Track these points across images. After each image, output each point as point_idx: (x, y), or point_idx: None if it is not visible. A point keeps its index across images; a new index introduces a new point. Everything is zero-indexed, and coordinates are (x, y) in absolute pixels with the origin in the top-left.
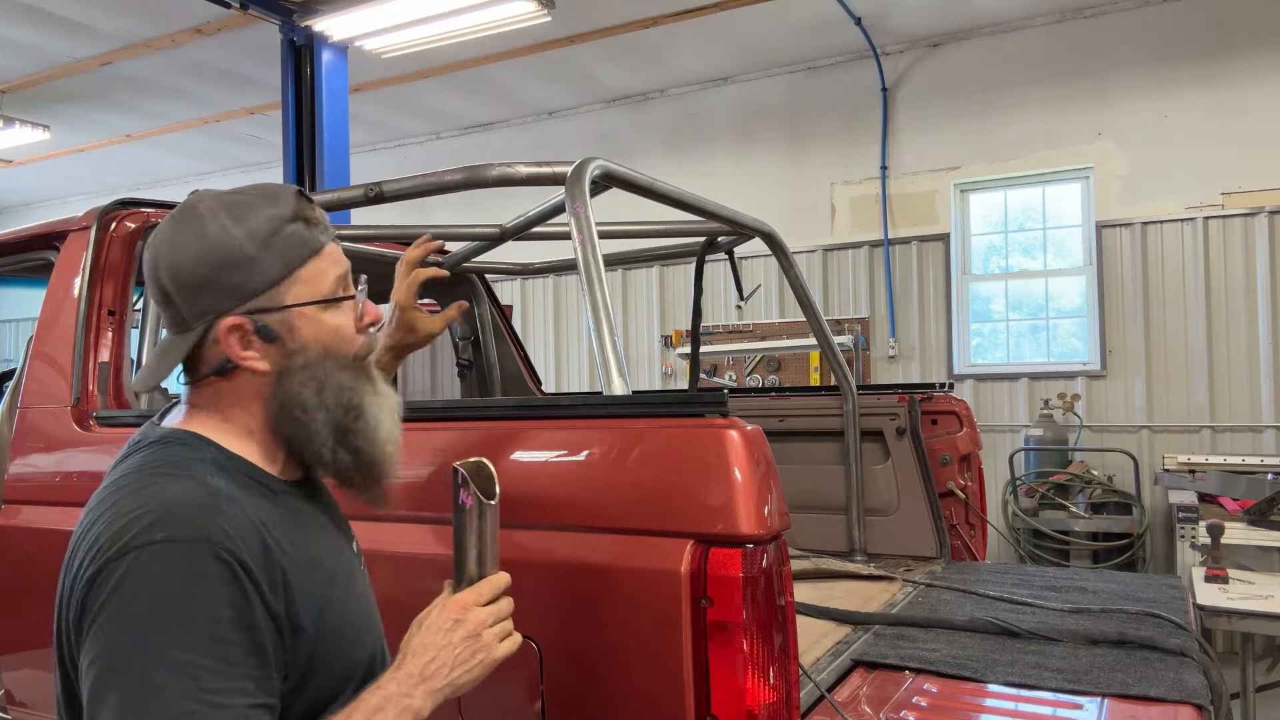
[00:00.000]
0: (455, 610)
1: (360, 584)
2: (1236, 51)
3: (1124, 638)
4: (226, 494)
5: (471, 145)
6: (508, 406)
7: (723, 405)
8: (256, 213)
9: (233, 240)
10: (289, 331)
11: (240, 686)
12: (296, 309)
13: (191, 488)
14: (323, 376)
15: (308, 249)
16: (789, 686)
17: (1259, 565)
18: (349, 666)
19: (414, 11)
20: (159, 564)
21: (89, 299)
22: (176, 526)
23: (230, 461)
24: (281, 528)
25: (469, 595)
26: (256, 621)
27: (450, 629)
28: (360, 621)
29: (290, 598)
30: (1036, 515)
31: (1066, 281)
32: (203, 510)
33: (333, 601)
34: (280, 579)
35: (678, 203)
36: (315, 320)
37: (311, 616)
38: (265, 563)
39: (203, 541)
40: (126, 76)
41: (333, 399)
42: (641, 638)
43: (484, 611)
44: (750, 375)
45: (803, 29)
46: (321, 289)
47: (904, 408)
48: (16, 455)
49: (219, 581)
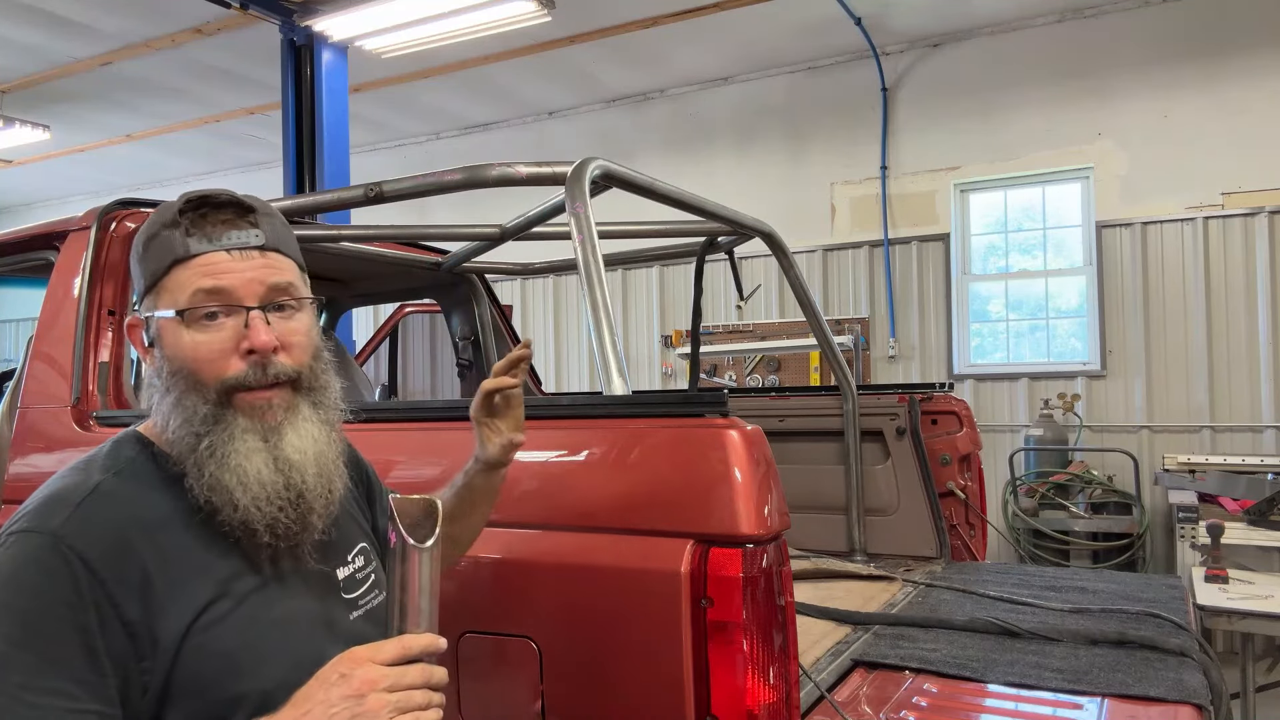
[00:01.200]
0: (346, 662)
1: (290, 607)
2: (1236, 51)
3: (1124, 638)
4: (103, 490)
5: (471, 145)
6: None
7: (723, 405)
8: (153, 218)
9: (135, 245)
10: (158, 340)
11: (58, 687)
12: (156, 318)
13: (74, 483)
14: (177, 395)
15: (170, 256)
16: (789, 686)
17: (1259, 565)
18: (229, 696)
19: (414, 11)
20: (9, 553)
21: (89, 299)
22: (35, 519)
23: (150, 462)
24: (174, 529)
25: (366, 650)
26: (90, 623)
27: (334, 682)
28: (263, 649)
29: (153, 606)
30: (1036, 515)
31: (1066, 281)
32: (63, 504)
33: (219, 618)
34: (140, 583)
35: (678, 203)
36: (173, 333)
37: (177, 628)
38: (122, 564)
39: (48, 534)
40: (126, 76)
41: (182, 424)
42: (641, 638)
43: (377, 671)
44: (750, 375)
45: (803, 29)
46: (178, 300)
47: (904, 408)
48: (16, 455)
49: (53, 576)
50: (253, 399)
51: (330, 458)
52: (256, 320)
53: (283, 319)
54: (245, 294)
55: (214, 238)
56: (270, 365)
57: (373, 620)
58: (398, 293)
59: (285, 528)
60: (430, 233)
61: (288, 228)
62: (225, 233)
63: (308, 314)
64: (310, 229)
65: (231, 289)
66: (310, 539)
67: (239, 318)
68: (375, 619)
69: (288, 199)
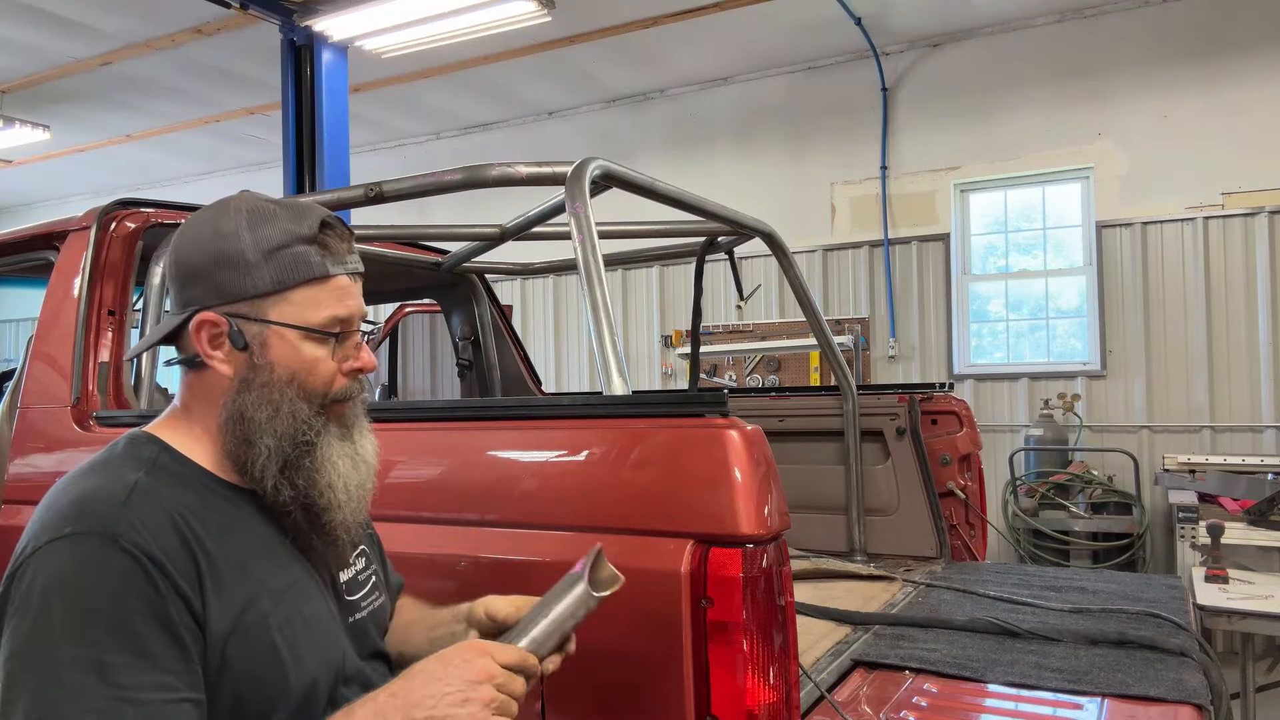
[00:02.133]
0: (476, 651)
1: (314, 607)
2: (1236, 51)
3: (1124, 638)
4: (142, 488)
5: (471, 145)
6: (508, 406)
7: (723, 405)
8: (274, 223)
9: (240, 243)
10: (260, 346)
11: (159, 681)
12: (276, 326)
13: (105, 483)
14: (280, 402)
15: (309, 272)
16: (789, 686)
17: (1259, 565)
18: (273, 689)
19: (414, 11)
20: (62, 560)
21: (89, 299)
22: (81, 521)
23: (172, 461)
24: (210, 528)
25: (494, 646)
26: (171, 615)
27: (457, 665)
28: (298, 645)
29: (206, 599)
30: (1036, 515)
31: (1066, 281)
32: (109, 504)
33: (258, 613)
34: (195, 576)
35: (678, 203)
36: (292, 345)
37: (226, 622)
38: (180, 558)
39: (107, 535)
40: (126, 76)
41: (285, 428)
42: (641, 638)
43: (496, 668)
44: (750, 375)
45: (803, 29)
46: (310, 318)
47: (904, 408)
48: (16, 455)
49: (125, 575)
50: (343, 410)
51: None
52: (365, 346)
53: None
54: (358, 319)
55: (341, 261)
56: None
57: (374, 622)
58: (398, 293)
59: (352, 521)
60: (430, 233)
61: None
62: (346, 256)
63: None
64: None
65: (351, 316)
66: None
67: (352, 340)
68: (375, 622)
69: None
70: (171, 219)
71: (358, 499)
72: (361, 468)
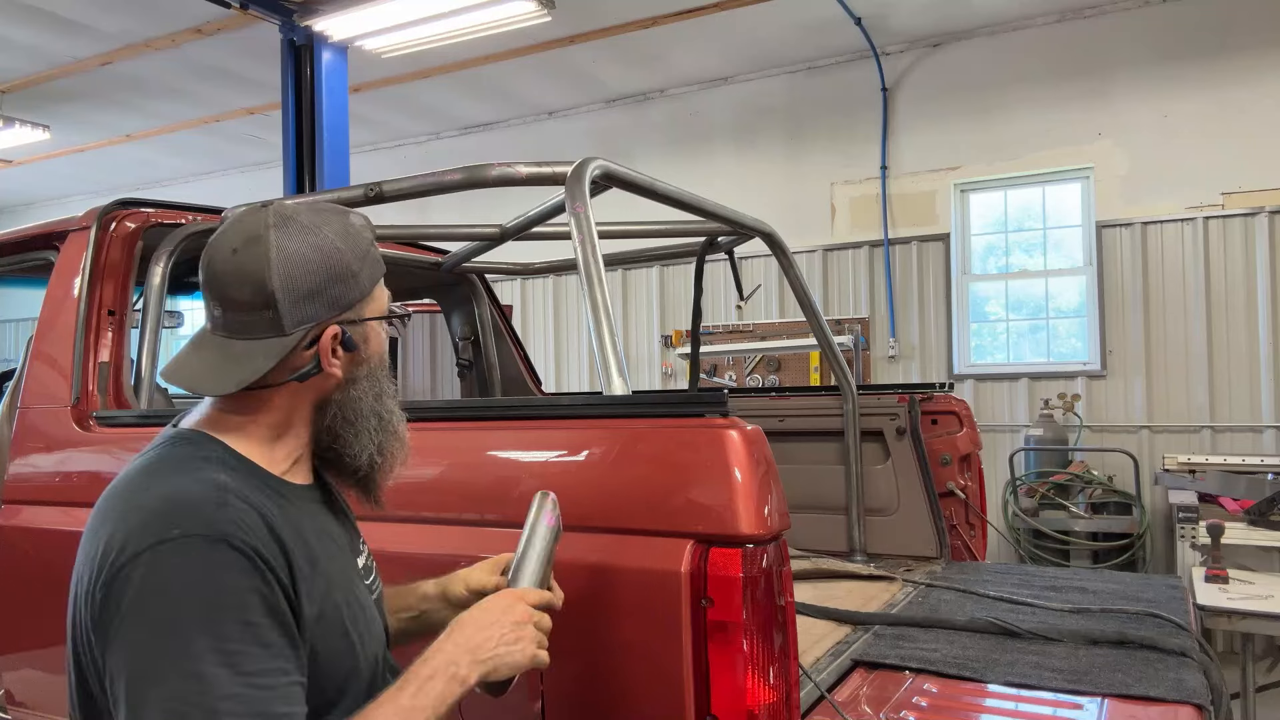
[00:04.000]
0: (512, 598)
1: (361, 592)
2: (1236, 51)
3: (1124, 638)
4: (232, 488)
5: (471, 145)
6: (508, 406)
7: (723, 405)
8: (356, 232)
9: (342, 255)
10: (364, 342)
11: (279, 666)
12: (371, 322)
13: (197, 483)
14: (379, 384)
15: (381, 268)
16: (789, 686)
17: (1259, 565)
18: (346, 670)
19: (414, 11)
20: (177, 560)
21: (89, 299)
22: (188, 523)
23: (234, 459)
24: (286, 524)
25: (522, 592)
26: (280, 605)
27: (505, 609)
28: (360, 627)
29: (298, 589)
30: (1036, 515)
31: (1066, 281)
32: (211, 504)
33: (332, 602)
34: (289, 568)
35: (678, 203)
36: (378, 333)
37: (312, 611)
38: (275, 552)
39: (216, 534)
40: (126, 76)
41: (383, 405)
42: (641, 638)
43: (530, 611)
44: (750, 375)
45: (803, 29)
46: (383, 305)
47: (904, 408)
48: (16, 455)
49: (239, 570)
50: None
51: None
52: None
53: None
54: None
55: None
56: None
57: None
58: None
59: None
60: (430, 233)
61: None
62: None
63: None
64: None
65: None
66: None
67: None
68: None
69: (288, 199)
70: (171, 219)
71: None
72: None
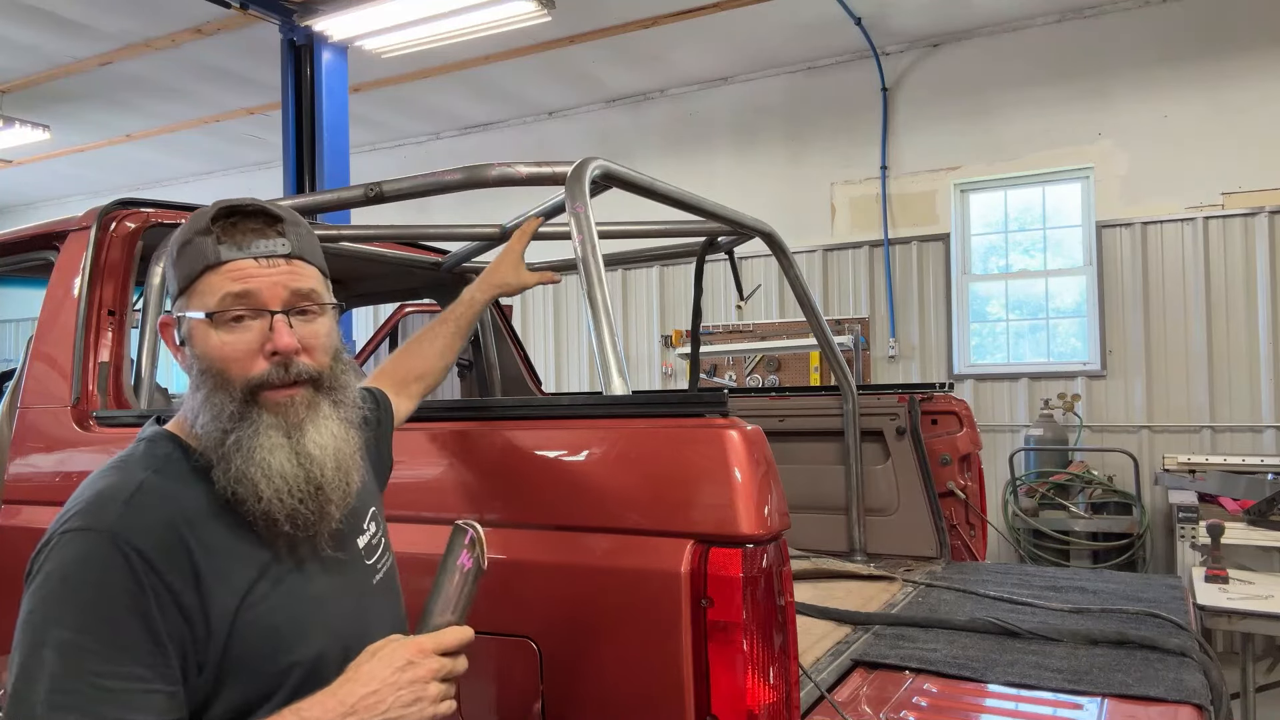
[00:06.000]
0: (413, 650)
1: (315, 586)
2: (1236, 51)
3: (1124, 638)
4: (150, 487)
5: (471, 145)
6: (508, 406)
7: (723, 405)
8: (186, 224)
9: (175, 241)
10: (189, 341)
11: (131, 672)
12: (189, 319)
13: (118, 481)
14: (207, 393)
15: (203, 262)
16: (789, 686)
17: (1259, 565)
18: (279, 668)
19: (414, 11)
20: (65, 552)
21: (89, 299)
22: (88, 517)
23: (184, 457)
24: (216, 521)
25: (430, 640)
26: (151, 610)
27: (402, 667)
28: (304, 622)
29: (203, 591)
30: (1036, 515)
31: (1066, 281)
32: (118, 502)
33: (262, 598)
34: (190, 571)
35: (678, 203)
36: (203, 334)
37: (227, 609)
38: (173, 554)
39: (104, 531)
40: (126, 76)
41: (211, 420)
42: (641, 638)
43: (438, 662)
44: (750, 375)
45: (803, 29)
46: (207, 303)
47: (904, 408)
48: (16, 455)
49: (115, 569)
50: (276, 397)
51: (348, 453)
52: (280, 324)
53: (305, 322)
54: (270, 298)
55: (243, 245)
56: (292, 365)
57: (389, 583)
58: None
59: (304, 518)
60: (430, 233)
61: (313, 236)
62: (254, 241)
63: (329, 318)
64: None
65: (257, 293)
66: (328, 528)
67: (264, 321)
68: (391, 582)
69: (288, 199)
70: (171, 219)
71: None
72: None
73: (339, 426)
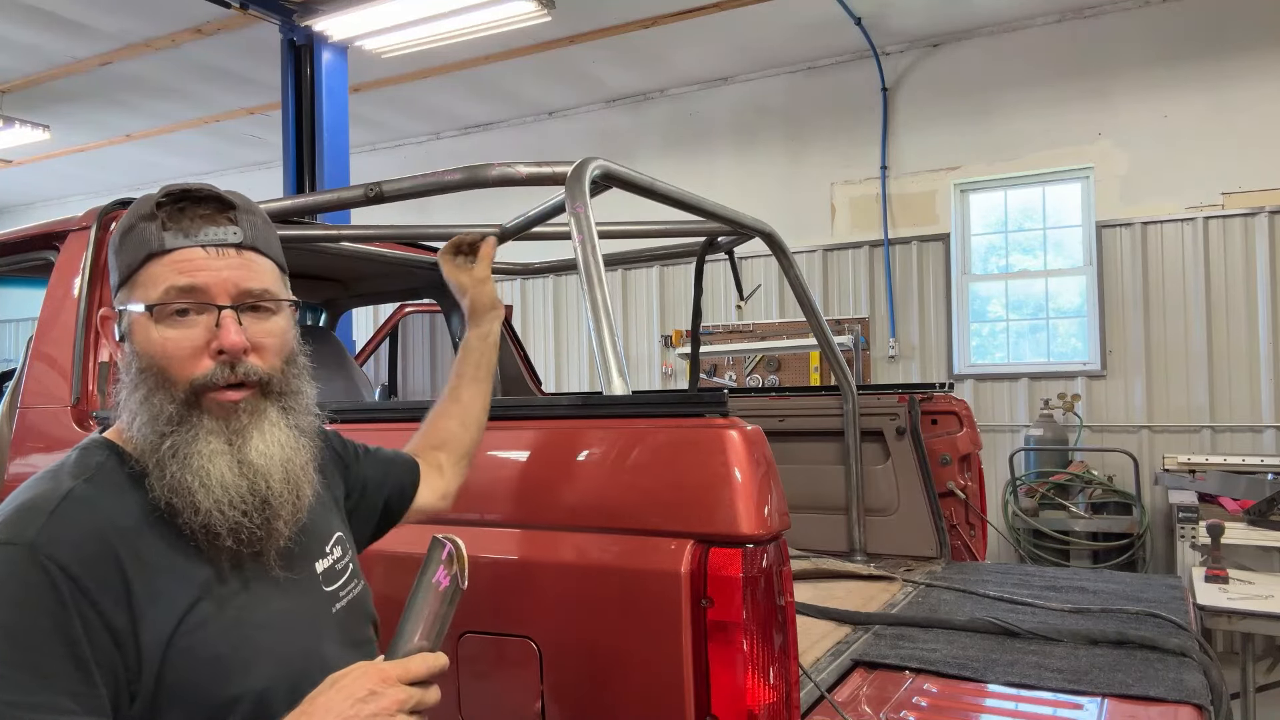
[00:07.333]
0: (375, 680)
1: (265, 611)
2: (1236, 51)
3: (1124, 638)
4: (75, 497)
5: (471, 145)
6: (508, 406)
7: (723, 405)
8: (131, 208)
9: (113, 236)
10: (130, 335)
11: (51, 702)
12: (128, 311)
13: (44, 491)
14: (146, 393)
15: (145, 250)
16: (789, 686)
17: (1259, 565)
18: (220, 701)
19: (414, 11)
20: None
21: (89, 299)
22: (8, 530)
23: (119, 465)
24: (151, 534)
25: (397, 669)
26: (76, 633)
27: (362, 699)
28: (250, 650)
29: (135, 611)
30: (1036, 515)
31: (1066, 281)
32: (42, 514)
33: (202, 622)
34: (121, 588)
35: (678, 203)
36: (144, 329)
37: (162, 633)
38: (102, 570)
39: (24, 545)
40: (126, 76)
41: (148, 422)
42: (641, 638)
43: (405, 692)
44: (750, 375)
45: (803, 29)
46: (150, 295)
47: (904, 408)
48: (16, 455)
49: (34, 588)
50: (220, 399)
51: (299, 464)
52: (228, 320)
53: (257, 320)
54: (218, 292)
55: (190, 233)
56: (239, 365)
57: (354, 611)
58: (398, 293)
59: (249, 533)
60: (430, 233)
61: (270, 226)
62: (203, 228)
63: (284, 317)
64: (310, 229)
65: (204, 287)
66: (275, 545)
67: (211, 316)
68: (356, 610)
69: (288, 199)
70: None
71: (244, 507)
72: (251, 474)
73: (287, 435)
